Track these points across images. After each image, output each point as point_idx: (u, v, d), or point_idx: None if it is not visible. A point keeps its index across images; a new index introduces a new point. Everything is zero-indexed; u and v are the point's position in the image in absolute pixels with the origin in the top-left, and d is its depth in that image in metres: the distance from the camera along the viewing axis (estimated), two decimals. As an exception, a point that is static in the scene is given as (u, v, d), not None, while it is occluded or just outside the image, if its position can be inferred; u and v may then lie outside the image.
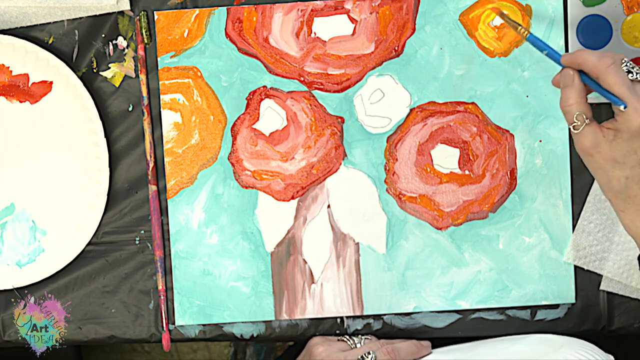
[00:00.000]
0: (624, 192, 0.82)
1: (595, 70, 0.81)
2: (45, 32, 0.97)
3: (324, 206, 0.97)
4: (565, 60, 0.84)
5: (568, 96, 0.83)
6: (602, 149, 0.82)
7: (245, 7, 0.96)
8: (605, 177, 0.83)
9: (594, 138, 0.82)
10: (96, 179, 0.96)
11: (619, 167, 0.81)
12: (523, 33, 0.89)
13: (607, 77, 0.80)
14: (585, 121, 0.82)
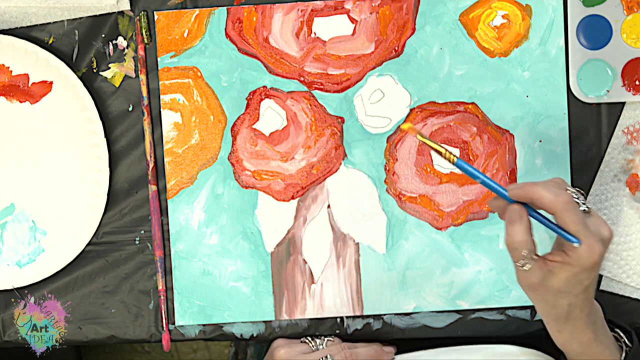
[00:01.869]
0: (564, 317, 0.82)
1: (552, 209, 0.78)
2: (45, 32, 0.97)
3: (324, 206, 0.97)
4: (515, 194, 0.79)
5: (515, 233, 0.79)
6: (548, 283, 0.80)
7: (245, 7, 0.96)
8: (547, 306, 0.82)
9: (540, 274, 0.79)
10: (96, 179, 0.96)
11: (563, 296, 0.80)
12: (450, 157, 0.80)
13: (564, 216, 0.77)
14: (533, 258, 0.79)
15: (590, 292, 0.82)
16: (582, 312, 0.82)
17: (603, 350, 0.84)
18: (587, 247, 0.78)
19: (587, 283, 0.80)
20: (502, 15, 0.95)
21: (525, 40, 0.95)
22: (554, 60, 0.95)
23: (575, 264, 0.78)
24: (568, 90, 0.95)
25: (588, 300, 0.82)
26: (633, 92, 0.94)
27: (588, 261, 0.78)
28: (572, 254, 0.78)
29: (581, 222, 0.78)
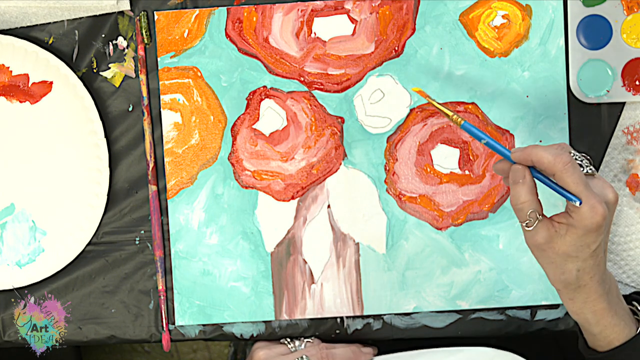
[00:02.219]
0: (574, 283, 0.82)
1: (551, 169, 0.79)
2: (45, 32, 0.97)
3: (324, 206, 0.97)
4: (517, 157, 0.81)
5: (519, 194, 0.80)
6: (554, 244, 0.80)
7: (245, 7, 0.96)
8: (557, 270, 0.82)
9: (547, 234, 0.80)
10: (96, 179, 0.96)
11: (571, 260, 0.80)
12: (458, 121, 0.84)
13: (564, 176, 0.78)
14: (538, 218, 0.80)
15: (600, 257, 0.81)
16: (592, 279, 0.81)
17: (618, 320, 0.83)
18: (588, 207, 0.78)
19: (594, 247, 0.79)
20: (502, 15, 0.95)
21: (525, 40, 0.95)
22: (554, 60, 0.95)
23: (578, 226, 0.78)
24: (568, 90, 0.95)
25: (598, 267, 0.81)
26: (633, 92, 0.94)
27: (591, 222, 0.78)
28: (575, 215, 0.78)
29: (582, 182, 0.78)
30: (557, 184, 0.79)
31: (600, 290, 0.82)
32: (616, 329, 0.83)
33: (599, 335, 0.84)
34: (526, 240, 0.82)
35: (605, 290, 0.83)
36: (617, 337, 0.83)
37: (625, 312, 0.85)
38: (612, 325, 0.83)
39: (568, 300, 0.83)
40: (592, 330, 0.84)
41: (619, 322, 0.83)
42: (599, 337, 0.84)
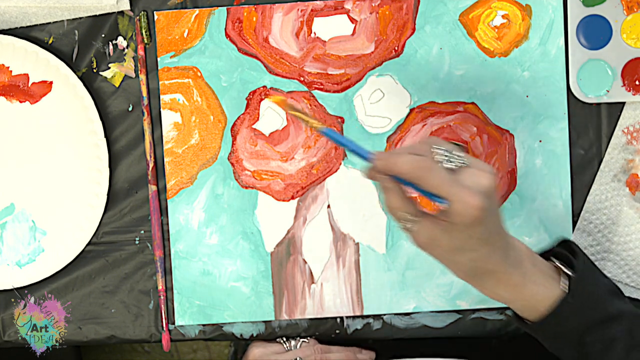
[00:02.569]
0: (475, 273, 0.80)
1: (412, 179, 0.76)
2: (45, 32, 0.97)
3: (324, 206, 0.97)
4: (380, 168, 0.77)
5: (390, 201, 0.78)
6: (440, 242, 0.77)
7: (245, 7, 0.96)
8: (451, 264, 0.80)
9: (429, 234, 0.77)
10: (96, 179, 0.96)
11: (462, 253, 0.78)
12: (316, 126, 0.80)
13: (427, 182, 0.75)
14: (415, 219, 0.78)
15: (493, 242, 0.78)
16: (494, 264, 0.79)
17: (537, 289, 0.80)
18: (460, 204, 0.74)
19: (481, 237, 0.76)
20: (502, 15, 0.95)
21: (525, 40, 0.95)
22: (554, 60, 0.95)
23: (456, 222, 0.75)
24: (568, 90, 0.95)
25: (495, 252, 0.78)
26: (633, 92, 0.94)
27: (468, 217, 0.74)
28: (450, 214, 0.75)
29: (445, 182, 0.74)
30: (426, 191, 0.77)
31: (508, 269, 0.80)
32: (538, 296, 0.81)
33: (523, 307, 0.82)
34: (412, 242, 0.79)
35: (513, 266, 0.80)
36: (542, 301, 0.81)
37: (545, 276, 0.81)
38: (532, 295, 0.81)
39: (479, 287, 0.81)
40: (515, 306, 0.82)
41: (539, 290, 0.81)
42: (525, 309, 0.82)
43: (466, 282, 0.81)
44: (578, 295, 0.81)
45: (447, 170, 0.76)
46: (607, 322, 0.81)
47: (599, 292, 0.82)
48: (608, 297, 0.82)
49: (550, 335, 0.83)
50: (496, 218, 0.78)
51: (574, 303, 0.81)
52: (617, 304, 0.82)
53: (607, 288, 0.83)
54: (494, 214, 0.77)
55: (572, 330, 0.81)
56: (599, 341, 0.81)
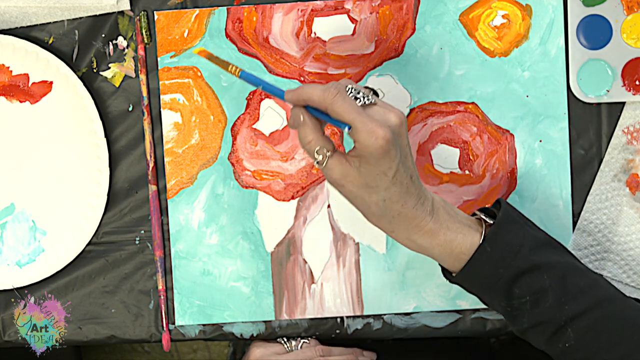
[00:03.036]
0: (386, 215, 0.81)
1: (322, 104, 0.78)
2: (46, 32, 0.97)
3: (324, 206, 0.97)
4: (290, 98, 0.81)
5: (303, 135, 0.80)
6: (352, 178, 0.79)
7: (245, 7, 0.96)
8: (363, 203, 0.81)
9: (341, 169, 0.79)
10: (96, 179, 0.96)
11: (373, 191, 0.80)
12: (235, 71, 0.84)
13: (334, 108, 0.78)
14: (327, 154, 0.80)
15: (405, 184, 0.80)
16: (404, 206, 0.80)
17: (454, 236, 0.82)
18: (366, 132, 0.77)
19: (391, 174, 0.79)
20: (502, 15, 0.95)
21: (525, 40, 0.95)
22: (554, 60, 0.95)
23: (365, 154, 0.78)
24: (568, 90, 0.96)
25: (407, 194, 0.80)
26: (633, 92, 0.94)
27: (374, 147, 0.77)
28: (357, 144, 0.78)
29: (354, 110, 0.77)
30: (333, 119, 0.79)
31: (421, 214, 0.81)
32: (455, 243, 0.82)
33: (441, 255, 0.83)
34: (326, 178, 0.82)
35: (427, 213, 0.81)
36: (461, 249, 0.82)
37: (463, 224, 0.83)
38: (449, 241, 0.82)
39: (391, 233, 0.82)
40: (432, 254, 0.83)
41: (456, 236, 0.82)
42: (444, 257, 0.83)
43: (380, 228, 0.82)
44: (496, 243, 0.81)
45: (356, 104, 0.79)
46: (533, 271, 0.81)
47: (521, 242, 0.82)
48: (535, 247, 0.82)
49: (477, 286, 0.84)
50: (406, 160, 0.80)
51: (491, 251, 0.81)
52: (547, 255, 0.82)
53: (536, 240, 0.83)
54: (403, 154, 0.79)
55: (497, 281, 0.82)
56: (527, 292, 0.81)
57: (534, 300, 0.81)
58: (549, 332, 0.82)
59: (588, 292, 0.82)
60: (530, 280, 0.81)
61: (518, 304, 0.82)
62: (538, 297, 0.81)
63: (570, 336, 0.81)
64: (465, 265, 0.82)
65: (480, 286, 0.83)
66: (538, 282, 0.81)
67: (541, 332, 0.82)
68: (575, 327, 0.81)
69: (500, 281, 0.82)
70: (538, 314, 0.81)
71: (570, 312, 0.81)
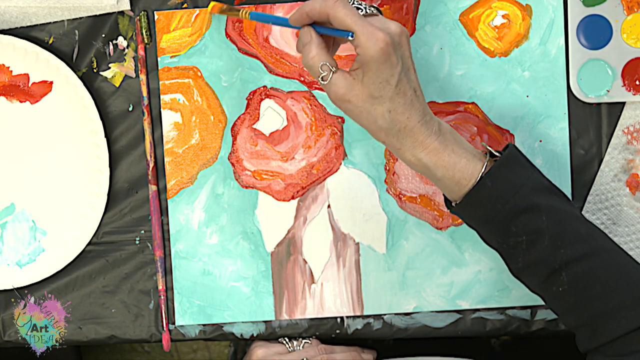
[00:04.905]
0: (392, 127, 0.82)
1: (324, 12, 0.80)
2: (46, 32, 0.97)
3: (324, 206, 0.97)
4: (295, 18, 0.83)
5: (308, 51, 0.82)
6: (356, 91, 0.81)
7: (245, 7, 0.96)
8: (369, 118, 0.82)
9: (345, 83, 0.81)
10: (96, 179, 0.96)
11: (378, 102, 0.80)
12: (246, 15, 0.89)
13: (336, 13, 0.79)
14: (332, 69, 0.81)
15: (409, 95, 0.81)
16: (410, 119, 0.81)
17: (457, 158, 0.82)
18: (366, 36, 0.79)
19: (393, 82, 0.80)
20: (502, 15, 0.95)
21: (526, 40, 0.96)
22: (554, 60, 0.95)
23: (366, 59, 0.79)
24: (568, 90, 0.96)
25: (412, 106, 0.81)
26: (633, 92, 0.94)
27: (375, 50, 0.78)
28: (359, 50, 0.80)
29: (355, 15, 0.79)
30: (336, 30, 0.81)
31: (426, 131, 0.82)
32: (458, 167, 0.82)
33: (444, 178, 0.83)
34: (330, 97, 0.82)
35: (433, 131, 0.82)
36: (462, 174, 0.83)
37: (467, 151, 0.83)
38: (453, 164, 0.82)
39: (398, 150, 0.83)
40: (436, 175, 0.83)
41: (459, 160, 0.82)
42: (446, 181, 0.83)
43: (387, 144, 0.83)
44: (497, 179, 0.82)
45: None
46: (533, 211, 0.81)
47: (523, 182, 0.82)
48: (537, 190, 0.82)
49: (475, 219, 0.84)
50: (409, 72, 0.81)
51: (491, 186, 0.82)
52: (547, 199, 0.82)
53: (540, 184, 0.83)
54: (405, 65, 0.81)
55: (494, 216, 0.82)
56: (524, 231, 0.82)
57: (530, 240, 0.82)
58: (543, 275, 0.82)
59: (586, 239, 0.82)
60: (529, 220, 0.81)
61: (514, 242, 0.82)
62: (534, 238, 0.81)
63: (564, 280, 0.81)
64: (464, 196, 0.83)
65: (478, 219, 0.84)
66: (536, 223, 0.81)
67: (535, 273, 0.83)
68: (570, 272, 0.81)
69: (498, 217, 0.82)
70: (533, 255, 0.82)
71: (566, 256, 0.81)
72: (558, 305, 0.83)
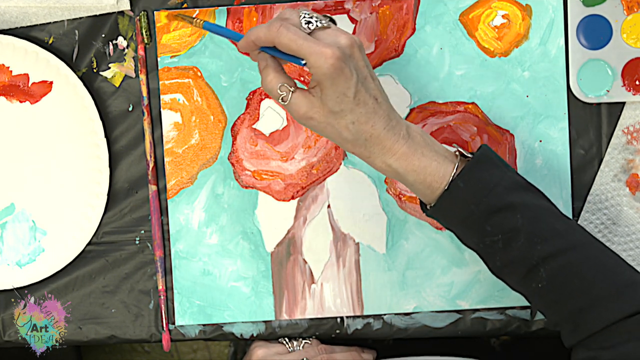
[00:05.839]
0: (358, 138, 0.82)
1: (270, 41, 0.80)
2: (46, 32, 0.97)
3: (324, 206, 0.97)
4: (243, 45, 0.83)
5: (265, 75, 0.82)
6: (317, 107, 0.81)
7: (245, 7, 0.96)
8: (334, 132, 0.82)
9: (305, 101, 0.81)
10: (96, 179, 0.96)
11: (339, 116, 0.80)
12: (199, 24, 0.89)
13: (280, 40, 0.79)
14: (290, 89, 0.81)
15: (370, 105, 0.81)
16: (374, 127, 0.81)
17: (427, 162, 0.82)
18: (314, 56, 0.78)
19: (351, 94, 0.80)
20: (502, 15, 0.96)
21: (525, 40, 0.96)
22: (554, 60, 0.95)
23: (320, 77, 0.79)
24: (568, 90, 0.96)
25: (375, 114, 0.81)
26: (633, 92, 0.94)
27: (327, 68, 0.78)
28: (312, 70, 0.79)
29: (299, 38, 0.78)
30: (285, 54, 0.81)
31: (393, 137, 0.82)
32: (429, 170, 0.82)
33: (415, 183, 0.83)
34: (293, 116, 0.82)
35: (401, 136, 0.82)
36: (434, 177, 0.82)
37: (438, 154, 0.83)
38: (424, 167, 0.82)
39: (367, 158, 0.83)
40: (407, 180, 0.83)
41: (430, 163, 0.82)
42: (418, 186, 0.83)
43: (357, 154, 0.83)
44: (469, 180, 0.82)
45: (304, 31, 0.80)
46: (507, 210, 0.81)
47: (496, 182, 0.82)
48: (510, 188, 0.82)
49: (449, 221, 0.84)
50: (365, 81, 0.81)
51: (464, 187, 0.82)
52: (521, 197, 0.82)
53: (513, 182, 0.83)
54: (361, 75, 0.80)
55: (468, 217, 0.82)
56: (499, 230, 0.82)
57: (506, 238, 0.81)
58: (522, 272, 0.82)
59: (563, 235, 0.82)
60: (503, 219, 0.81)
61: (490, 242, 0.82)
62: (510, 236, 0.81)
63: (542, 277, 0.81)
64: (437, 199, 0.83)
65: (453, 221, 0.84)
66: (510, 221, 0.81)
67: (514, 271, 0.83)
68: (548, 268, 0.81)
69: (472, 217, 0.82)
70: (510, 253, 0.82)
71: (543, 252, 0.81)
72: (539, 302, 0.83)
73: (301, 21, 0.80)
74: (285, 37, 0.79)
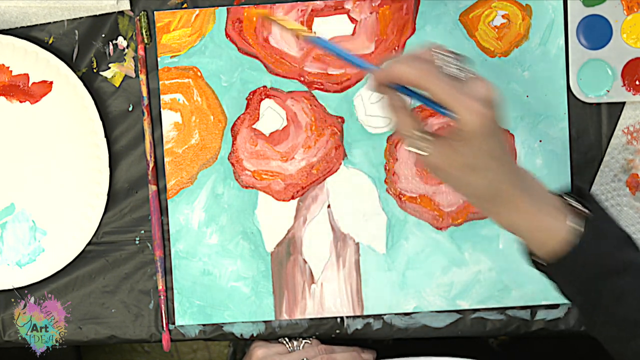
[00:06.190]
0: (490, 195, 0.77)
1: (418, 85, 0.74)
2: (45, 32, 0.97)
3: (324, 206, 0.97)
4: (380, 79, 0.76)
5: (401, 119, 0.76)
6: (453, 161, 0.75)
7: (245, 7, 0.96)
8: (467, 187, 0.77)
9: (442, 153, 0.75)
10: (96, 179, 0.96)
11: (474, 173, 0.75)
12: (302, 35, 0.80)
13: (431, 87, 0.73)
14: (427, 138, 0.76)
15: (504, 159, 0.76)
16: (508, 185, 0.76)
17: (549, 220, 0.77)
18: (464, 110, 0.72)
19: (492, 152, 0.74)
20: (502, 15, 0.96)
21: (526, 40, 0.96)
22: (554, 60, 0.95)
23: (466, 133, 0.73)
24: (568, 90, 0.96)
25: (508, 171, 0.76)
26: (633, 92, 0.94)
27: (475, 124, 0.73)
28: (459, 125, 0.73)
29: (451, 88, 0.73)
30: (428, 99, 0.75)
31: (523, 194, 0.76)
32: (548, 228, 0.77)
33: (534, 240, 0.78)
34: (425, 165, 0.77)
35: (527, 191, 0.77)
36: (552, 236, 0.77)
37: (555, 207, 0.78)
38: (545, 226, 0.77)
39: (494, 215, 0.78)
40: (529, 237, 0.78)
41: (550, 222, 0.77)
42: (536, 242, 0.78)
43: (483, 210, 0.79)
44: (595, 238, 0.77)
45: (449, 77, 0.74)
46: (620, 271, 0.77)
47: (615, 238, 0.78)
48: (623, 244, 0.78)
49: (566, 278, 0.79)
50: (502, 135, 0.76)
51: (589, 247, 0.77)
52: (631, 254, 0.78)
53: (623, 235, 0.79)
54: (499, 129, 0.76)
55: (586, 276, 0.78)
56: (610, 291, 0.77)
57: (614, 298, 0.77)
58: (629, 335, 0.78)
59: None
60: (616, 281, 0.77)
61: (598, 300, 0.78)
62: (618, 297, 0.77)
63: None
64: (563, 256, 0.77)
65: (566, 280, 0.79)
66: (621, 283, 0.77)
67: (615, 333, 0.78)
68: None
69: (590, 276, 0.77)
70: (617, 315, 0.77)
71: None
72: None
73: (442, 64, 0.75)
74: (437, 87, 0.73)
